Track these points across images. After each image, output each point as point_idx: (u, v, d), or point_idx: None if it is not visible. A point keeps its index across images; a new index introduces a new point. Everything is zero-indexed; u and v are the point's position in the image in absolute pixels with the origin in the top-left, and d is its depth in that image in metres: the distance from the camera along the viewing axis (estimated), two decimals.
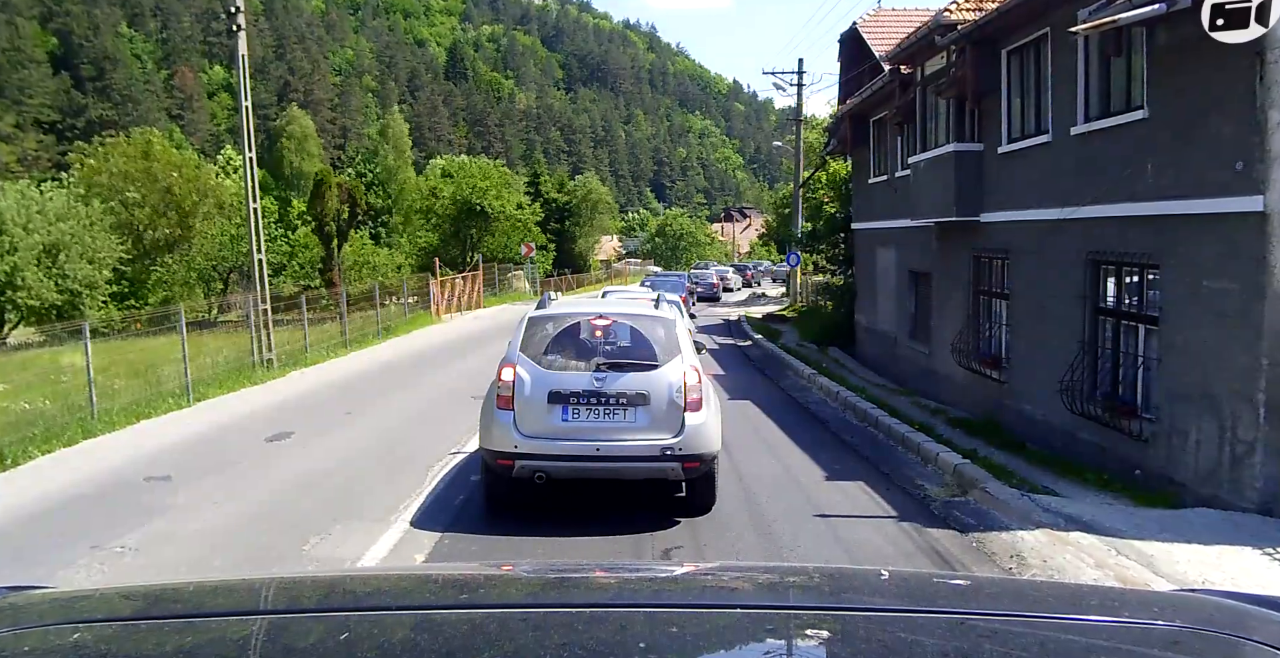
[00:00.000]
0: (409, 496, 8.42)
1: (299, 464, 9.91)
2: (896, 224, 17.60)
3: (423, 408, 13.49)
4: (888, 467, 9.59)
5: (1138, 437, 9.26)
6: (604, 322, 7.63)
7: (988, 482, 8.12)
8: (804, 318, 28.43)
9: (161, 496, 8.65)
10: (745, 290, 55.16)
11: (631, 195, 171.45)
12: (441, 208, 45.15)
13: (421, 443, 10.77)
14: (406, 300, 27.41)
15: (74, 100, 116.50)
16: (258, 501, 8.46)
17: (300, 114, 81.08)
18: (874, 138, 19.57)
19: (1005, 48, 12.39)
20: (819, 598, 1.64)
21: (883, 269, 19.13)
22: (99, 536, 7.31)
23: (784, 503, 8.11)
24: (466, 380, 15.27)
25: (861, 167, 20.69)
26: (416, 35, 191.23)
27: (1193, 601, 1.73)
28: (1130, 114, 9.44)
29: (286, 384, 16.15)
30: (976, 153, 13.35)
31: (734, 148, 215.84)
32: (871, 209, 19.90)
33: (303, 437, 11.41)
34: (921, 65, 15.00)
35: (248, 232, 18.21)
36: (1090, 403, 10.19)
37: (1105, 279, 10.34)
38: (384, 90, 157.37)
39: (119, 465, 10.11)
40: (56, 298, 33.56)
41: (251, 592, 1.73)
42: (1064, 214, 10.73)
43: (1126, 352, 9.88)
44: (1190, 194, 8.36)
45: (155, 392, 13.90)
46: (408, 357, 20.23)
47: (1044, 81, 11.49)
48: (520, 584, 1.88)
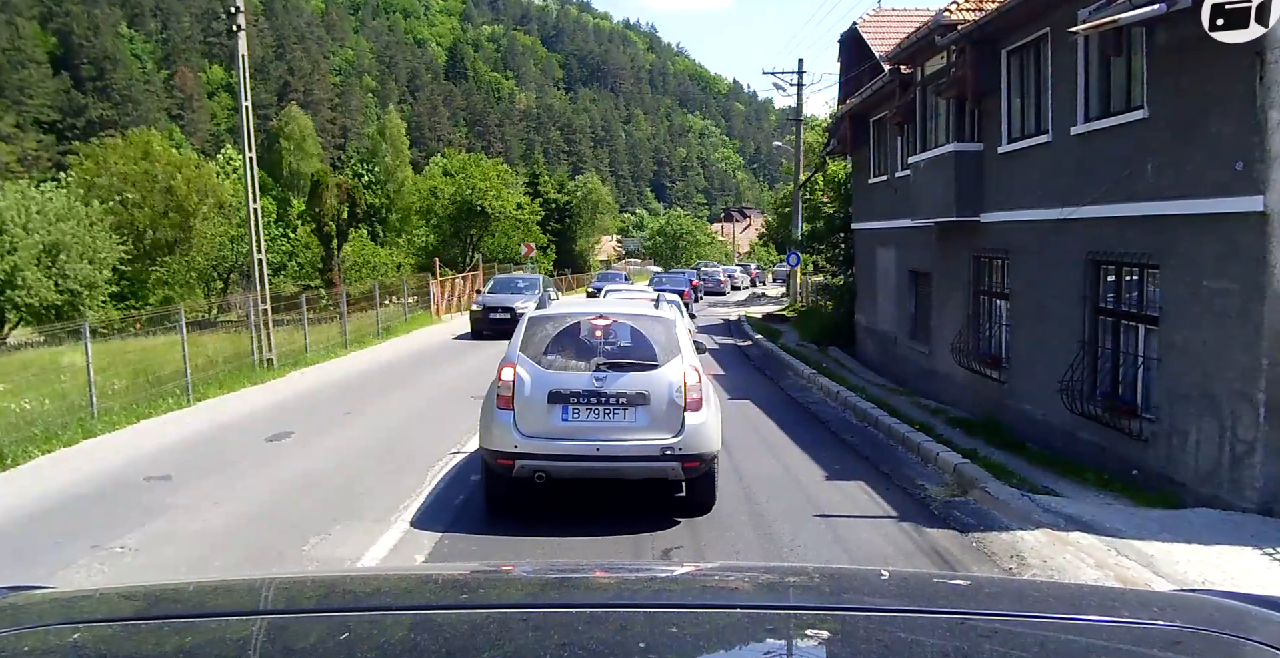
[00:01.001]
0: (409, 496, 8.42)
1: (299, 464, 9.89)
2: (897, 224, 17.60)
3: (423, 407, 13.48)
4: (888, 466, 9.59)
5: (1137, 437, 9.26)
6: (604, 322, 7.63)
7: (987, 482, 8.12)
8: (804, 318, 28.43)
9: (161, 495, 8.64)
10: (746, 290, 55.61)
11: (631, 195, 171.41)
12: (441, 208, 45.11)
13: (421, 443, 10.76)
14: (406, 300, 27.40)
15: (74, 100, 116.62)
16: (258, 500, 8.45)
17: (299, 114, 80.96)
18: (874, 138, 19.57)
19: (1005, 48, 12.39)
20: (819, 598, 1.65)
21: (883, 269, 19.13)
22: (99, 535, 7.30)
23: (784, 503, 8.11)
24: (466, 380, 15.26)
25: (861, 167, 20.69)
26: (416, 35, 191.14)
27: (1193, 601, 1.73)
28: (1130, 114, 9.44)
29: (286, 384, 16.11)
30: (976, 153, 13.35)
31: (734, 148, 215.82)
32: (872, 209, 19.90)
33: (303, 436, 11.39)
34: (921, 65, 15.00)
35: (248, 232, 18.20)
36: (1090, 403, 10.20)
37: (1105, 279, 10.34)
38: (384, 90, 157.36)
39: (119, 465, 10.08)
40: (56, 298, 33.55)
41: (251, 592, 1.74)
42: (1064, 214, 10.73)
43: (1126, 352, 9.89)
44: (1190, 194, 8.36)
45: (156, 392, 13.90)
46: (407, 357, 20.20)
47: (1044, 81, 11.49)
48: (520, 584, 1.89)
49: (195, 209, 41.71)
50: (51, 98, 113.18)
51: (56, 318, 30.41)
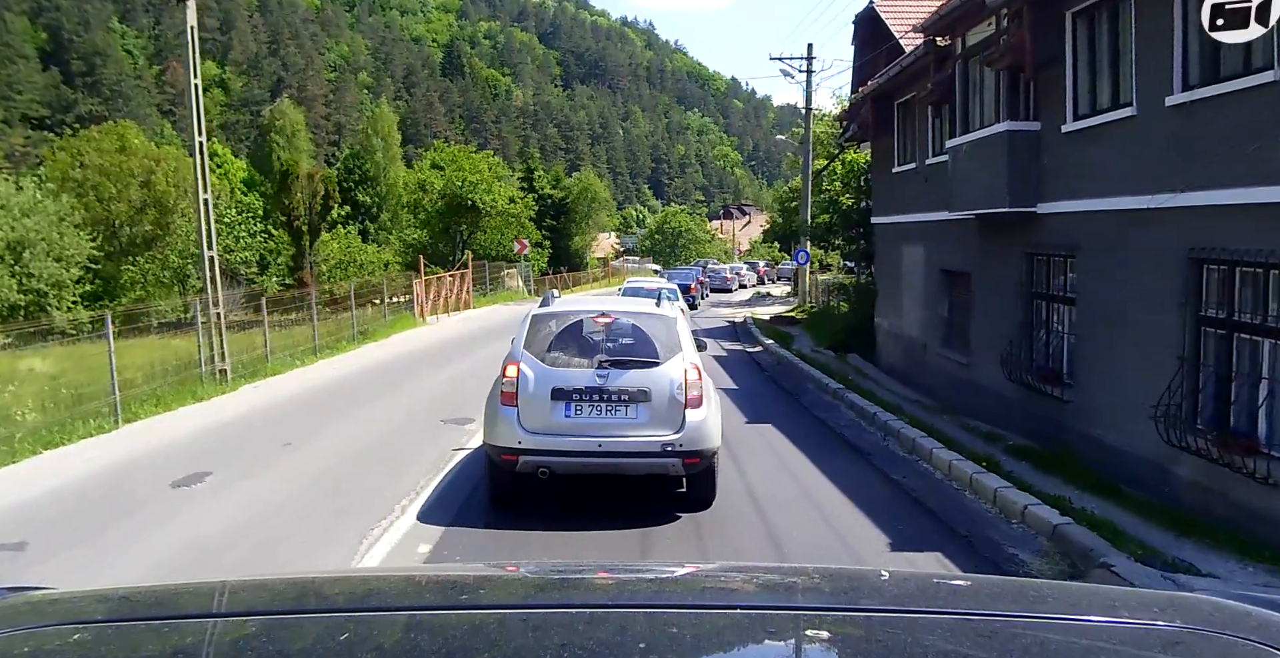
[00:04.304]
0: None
1: (198, 525, 7.61)
2: (927, 218, 15.72)
3: (381, 436, 11.25)
4: (963, 525, 7.59)
5: (1264, 480, 7.37)
6: (606, 319, 7.74)
7: (1107, 554, 6.11)
8: (815, 320, 26.47)
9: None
10: (751, 289, 53.58)
11: (629, 193, 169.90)
12: (430, 202, 42.68)
13: (367, 489, 8.63)
14: (386, 301, 25.31)
15: (63, 95, 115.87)
16: (122, 582, 6.26)
17: (290, 107, 78.93)
18: (900, 122, 17.65)
19: (1071, 8, 10.51)
20: (819, 598, 1.62)
21: (909, 268, 17.24)
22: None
23: None
24: (438, 398, 13.35)
25: (884, 154, 18.75)
26: (413, 32, 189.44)
27: (1192, 600, 1.64)
28: (1253, 77, 7.56)
29: (233, 401, 13.98)
30: (1033, 133, 11.45)
31: (732, 145, 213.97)
32: (896, 201, 17.99)
33: (220, 480, 9.07)
34: (962, 35, 13.11)
35: (197, 225, 16.35)
36: (1191, 433, 8.30)
37: (1212, 281, 8.45)
38: (379, 87, 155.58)
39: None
40: (19, 298, 31.76)
41: (252, 592, 1.68)
42: (1155, 202, 8.84)
43: (1244, 373, 7.99)
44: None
45: (79, 411, 11.93)
46: (378, 366, 18.07)
47: (1124, 46, 9.61)
48: (520, 584, 1.86)
49: (175, 205, 39.75)
50: (40, 93, 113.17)
51: (25, 319, 28.66)
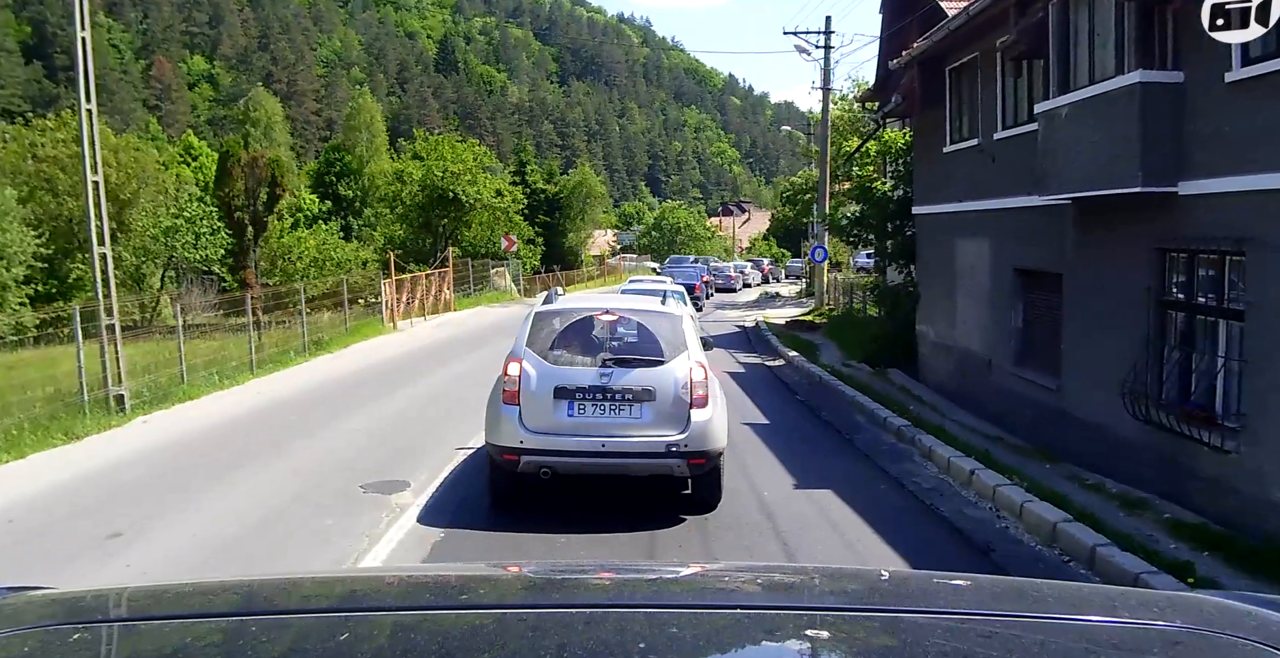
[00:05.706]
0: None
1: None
2: (993, 204, 12.76)
3: (263, 518, 7.63)
4: None
5: None
6: (610, 317, 7.61)
7: None
8: (838, 326, 23.42)
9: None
10: (756, 288, 50.52)
11: (626, 190, 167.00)
12: (409, 195, 39.43)
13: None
14: (348, 305, 22.05)
15: (45, 90, 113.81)
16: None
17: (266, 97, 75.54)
18: (954, 91, 14.64)
19: None
20: (819, 598, 1.62)
21: (965, 266, 14.26)
22: None
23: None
24: (373, 443, 10.21)
25: (932, 131, 15.71)
26: (407, 27, 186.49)
27: (1193, 600, 1.68)
28: None
29: (109, 445, 10.45)
30: (1175, 86, 8.47)
31: (730, 142, 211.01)
32: (947, 187, 14.98)
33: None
34: None
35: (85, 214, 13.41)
36: None
37: None
38: (372, 82, 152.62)
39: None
40: None
41: (251, 592, 1.69)
42: None
43: None
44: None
45: None
46: (317, 388, 14.59)
47: None
48: (520, 584, 1.86)
49: (133, 198, 36.62)
50: (22, 87, 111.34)
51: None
